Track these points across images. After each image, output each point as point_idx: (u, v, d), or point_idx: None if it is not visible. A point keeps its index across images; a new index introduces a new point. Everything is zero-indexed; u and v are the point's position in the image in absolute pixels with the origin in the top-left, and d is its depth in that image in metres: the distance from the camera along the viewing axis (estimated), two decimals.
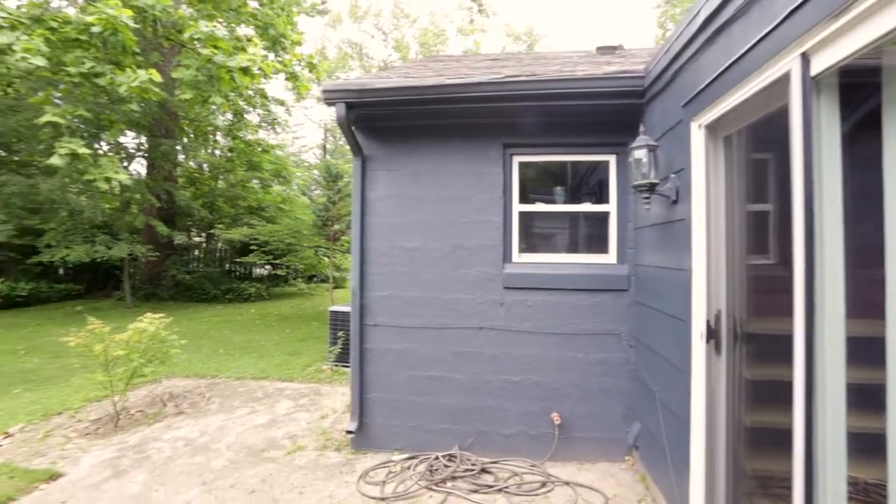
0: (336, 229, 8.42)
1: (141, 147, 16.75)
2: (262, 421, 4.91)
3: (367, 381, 4.23)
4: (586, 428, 3.95)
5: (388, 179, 4.28)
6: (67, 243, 12.70)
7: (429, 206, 4.22)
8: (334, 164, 10.20)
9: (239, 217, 16.55)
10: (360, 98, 3.88)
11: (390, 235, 4.26)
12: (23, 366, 7.56)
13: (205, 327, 10.35)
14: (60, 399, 5.65)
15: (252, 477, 3.75)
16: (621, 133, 3.96)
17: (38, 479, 3.71)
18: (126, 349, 4.77)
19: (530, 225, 4.38)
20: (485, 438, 4.07)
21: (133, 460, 4.04)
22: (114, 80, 5.89)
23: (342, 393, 5.81)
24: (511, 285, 4.12)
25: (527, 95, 3.74)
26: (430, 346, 4.20)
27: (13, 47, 5.21)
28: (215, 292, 15.20)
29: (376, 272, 4.25)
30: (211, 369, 6.87)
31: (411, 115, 4.13)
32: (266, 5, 10.32)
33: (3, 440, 4.50)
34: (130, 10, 5.83)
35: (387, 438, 4.19)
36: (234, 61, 6.52)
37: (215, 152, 18.31)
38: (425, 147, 4.27)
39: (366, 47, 26.69)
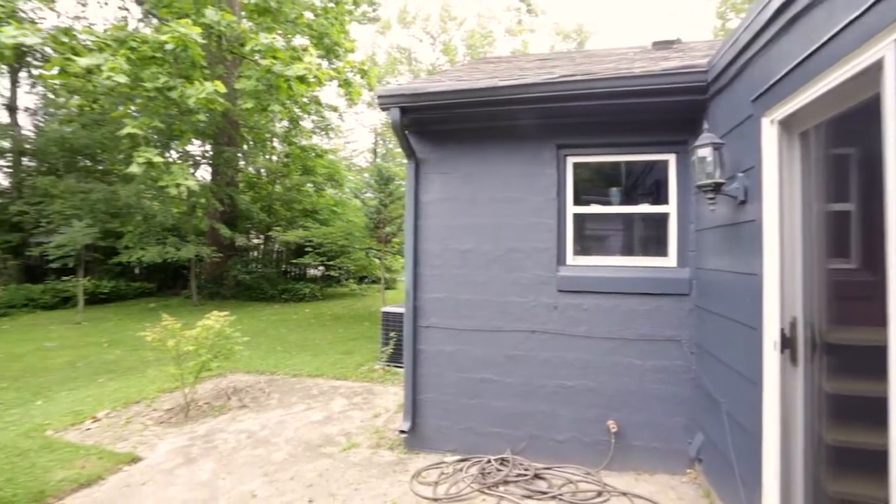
0: (387, 231, 8.59)
1: (206, 154, 17.82)
2: (317, 417, 5.08)
3: (419, 382, 4.28)
4: (644, 437, 3.81)
5: (440, 182, 4.32)
6: (143, 245, 13.72)
7: (481, 209, 4.22)
8: (386, 167, 10.42)
9: (294, 220, 17.25)
10: (413, 102, 3.94)
11: (443, 238, 4.29)
12: (106, 357, 8.23)
13: (263, 325, 10.86)
14: (138, 388, 6.10)
15: (309, 471, 3.89)
16: (681, 131, 3.80)
17: (121, 461, 4.03)
18: (195, 345, 5.09)
19: (585, 227, 4.29)
20: (537, 443, 4.02)
21: (202, 449, 4.30)
22: (184, 93, 6.32)
23: (394, 393, 5.91)
24: (565, 288, 4.04)
25: (581, 95, 3.66)
26: (483, 349, 4.19)
27: (101, 67, 5.71)
28: (272, 292, 15.91)
29: (429, 274, 4.29)
30: (270, 366, 7.19)
31: (464, 117, 4.15)
32: (321, 15, 10.71)
33: (93, 424, 4.93)
34: (199, 28, 6.23)
35: (439, 439, 4.22)
36: (292, 70, 6.81)
37: (272, 158, 19.18)
38: (478, 149, 4.27)
39: (414, 52, 27.09)
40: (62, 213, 13.90)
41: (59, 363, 7.84)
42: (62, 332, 10.79)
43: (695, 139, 3.33)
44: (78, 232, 12.55)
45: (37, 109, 19.49)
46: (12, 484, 3.64)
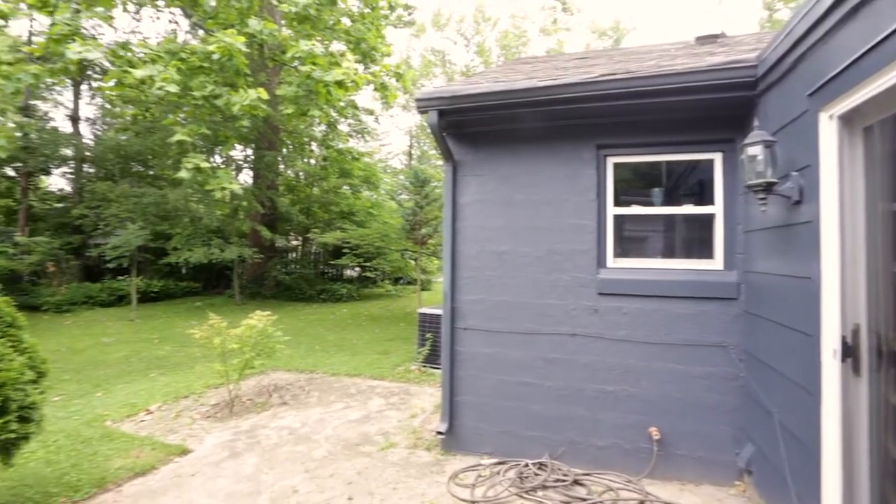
0: (423, 233, 8.65)
1: (247, 159, 18.48)
2: (356, 416, 5.17)
3: (457, 384, 4.29)
4: (688, 446, 3.68)
5: (478, 184, 4.32)
6: (190, 246, 14.36)
7: (519, 211, 4.19)
8: (422, 169, 10.52)
9: (332, 221, 17.64)
10: (451, 105, 3.95)
11: (481, 240, 4.29)
12: (157, 352, 8.65)
13: (302, 325, 11.15)
14: (187, 384, 6.38)
15: (349, 469, 3.96)
16: (728, 129, 3.66)
17: (172, 452, 4.23)
18: (239, 343, 5.28)
19: (625, 228, 4.19)
20: (576, 449, 3.95)
21: (246, 444, 4.45)
22: (229, 101, 6.59)
23: (430, 394, 5.94)
24: (605, 291, 3.96)
25: (622, 94, 3.57)
26: (520, 352, 4.16)
27: (154, 78, 6.03)
28: (311, 292, 16.31)
29: (467, 276, 4.30)
30: (309, 364, 7.37)
31: (501, 119, 4.14)
32: (358, 21, 10.91)
33: (146, 416, 5.19)
34: (243, 37, 6.47)
35: (476, 441, 4.21)
36: (331, 76, 6.98)
37: (310, 161, 19.67)
38: (515, 151, 4.24)
39: (448, 54, 27.17)
40: (118, 217, 14.72)
41: (115, 357, 8.30)
42: (118, 328, 11.42)
43: (743, 137, 3.20)
44: (131, 234, 13.27)
45: (96, 119, 20.73)
46: (77, 469, 3.88)
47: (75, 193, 18.75)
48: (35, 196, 18.51)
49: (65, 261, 16.33)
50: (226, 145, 9.77)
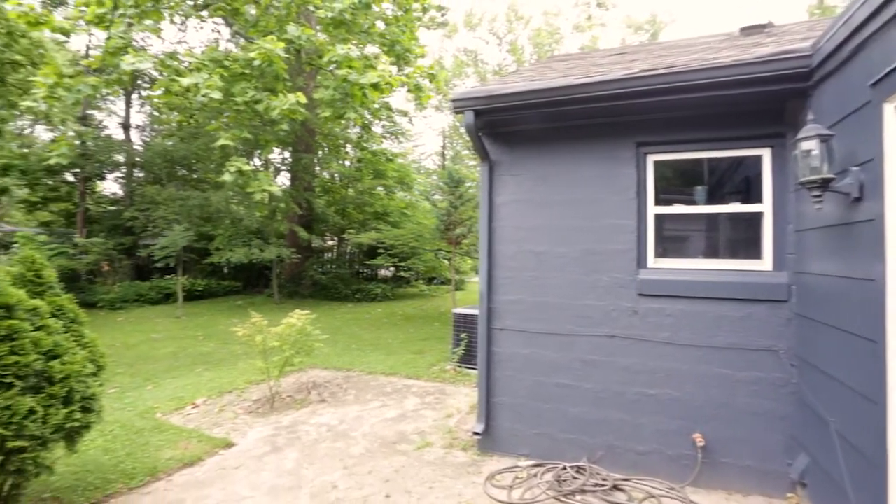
0: (458, 233, 8.66)
1: (285, 161, 18.99)
2: (392, 415, 5.23)
3: (493, 385, 4.27)
4: (735, 454, 3.53)
5: (514, 184, 4.29)
6: (231, 247, 14.89)
7: (557, 210, 4.14)
8: (456, 169, 10.53)
9: (367, 222, 17.91)
10: (487, 104, 3.94)
11: (517, 240, 4.26)
12: (202, 349, 9.01)
13: (339, 324, 11.36)
14: (230, 379, 6.62)
15: (386, 467, 4.01)
16: (778, 123, 3.50)
17: (217, 445, 4.39)
18: (280, 341, 5.44)
19: (666, 228, 4.07)
20: (615, 453, 3.86)
21: (286, 439, 4.57)
22: (269, 105, 6.80)
23: (465, 394, 5.94)
24: (646, 292, 3.85)
25: (665, 90, 3.47)
26: (558, 353, 4.10)
27: (199, 85, 6.30)
28: (346, 292, 16.61)
29: (504, 276, 4.28)
30: (346, 363, 7.51)
31: (538, 118, 4.09)
32: (392, 24, 11.03)
33: (193, 409, 5.42)
34: (283, 43, 6.67)
35: (512, 443, 4.19)
36: (366, 78, 7.09)
37: (345, 163, 20.03)
38: (552, 149, 4.19)
39: (480, 53, 27.05)
40: (165, 218, 15.43)
41: (163, 353, 8.70)
42: (165, 325, 11.96)
43: (794, 131, 3.05)
44: (178, 235, 13.87)
45: (145, 126, 21.81)
46: (132, 458, 4.09)
47: (127, 197, 19.77)
48: (91, 200, 19.63)
49: (118, 260, 17.25)
50: (265, 149, 10.07)
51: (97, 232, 17.79)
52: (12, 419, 2.57)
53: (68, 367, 2.90)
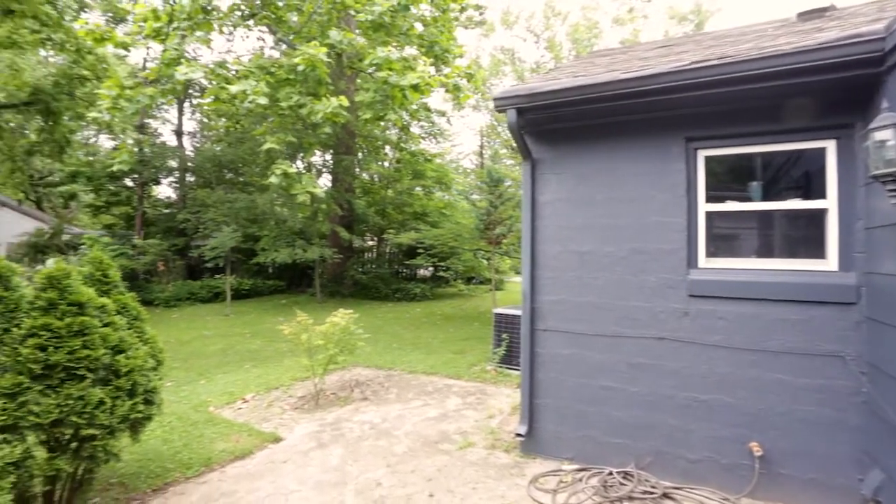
0: (498, 233, 8.61)
1: (326, 163, 19.46)
2: (433, 414, 5.25)
3: (536, 386, 4.22)
4: (797, 465, 3.33)
5: (557, 182, 4.22)
6: (276, 247, 15.40)
7: (601, 209, 4.04)
8: (496, 169, 10.47)
9: (406, 222, 18.11)
10: (529, 102, 3.89)
11: (561, 239, 4.18)
12: (249, 346, 9.37)
13: (380, 323, 11.53)
14: (276, 376, 6.84)
15: (429, 466, 4.03)
16: (845, 113, 3.27)
17: (266, 440, 4.55)
18: (324, 339, 5.57)
19: (719, 226, 3.89)
20: (664, 460, 3.73)
21: (331, 436, 4.68)
22: (312, 109, 6.98)
23: (507, 395, 5.90)
24: (697, 293, 3.70)
25: (718, 81, 3.31)
26: (603, 355, 4.01)
27: (246, 92, 6.55)
28: (386, 291, 16.86)
29: (547, 276, 4.21)
30: (387, 362, 7.61)
31: (582, 115, 4.01)
32: (430, 25, 11.09)
33: (242, 404, 5.64)
34: (325, 48, 6.83)
35: (556, 445, 4.12)
36: (406, 80, 7.15)
37: (384, 164, 20.33)
38: (597, 147, 4.10)
39: (518, 51, 26.77)
40: (214, 220, 16.15)
41: (214, 349, 9.10)
42: (215, 323, 12.51)
43: (864, 121, 2.85)
44: (226, 236, 14.48)
45: (195, 133, 22.90)
46: (188, 449, 4.30)
47: (180, 200, 20.84)
48: (148, 203, 20.82)
49: (172, 261, 18.20)
50: (308, 151, 10.36)
51: (153, 234, 18.86)
52: (85, 409, 2.74)
53: (132, 362, 3.08)
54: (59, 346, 2.71)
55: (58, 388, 2.69)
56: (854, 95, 3.16)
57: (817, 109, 3.34)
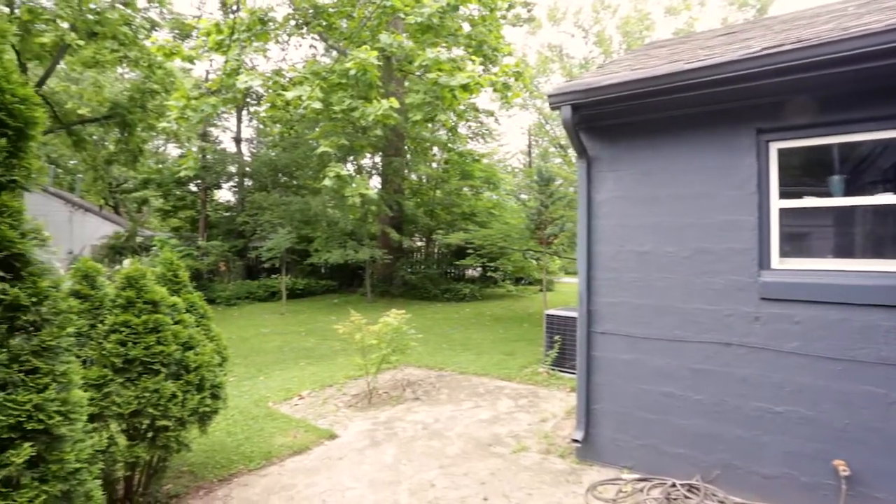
0: (549, 232, 8.45)
1: (376, 165, 19.84)
2: (485, 416, 5.21)
3: (593, 391, 4.08)
4: (894, 489, 3.02)
5: (615, 180, 4.06)
6: (328, 248, 15.86)
7: (662, 207, 3.85)
8: (546, 167, 10.28)
9: (454, 223, 18.15)
10: (585, 98, 3.77)
11: (619, 239, 4.03)
12: (304, 344, 9.69)
13: (429, 323, 11.60)
14: (330, 374, 7.02)
15: (482, 469, 3.99)
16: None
17: (322, 436, 4.67)
18: (377, 339, 5.66)
19: (794, 224, 3.60)
20: (734, 474, 3.49)
21: (384, 435, 4.74)
22: (364, 112, 7.13)
23: (560, 398, 5.76)
24: (770, 296, 3.44)
25: (795, 67, 3.07)
26: (664, 360, 3.82)
27: (301, 98, 6.79)
28: (435, 291, 16.95)
29: (604, 277, 4.07)
30: (438, 362, 7.64)
31: (640, 109, 3.84)
32: (478, 24, 11.07)
33: (299, 400, 5.83)
34: (376, 52, 6.96)
35: (614, 453, 3.97)
36: (456, 80, 7.16)
37: (433, 165, 20.48)
38: (657, 142, 3.91)
39: (566, 48, 26.20)
40: (270, 222, 16.85)
41: (272, 346, 9.48)
42: (272, 321, 13.04)
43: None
44: (282, 237, 15.07)
45: (252, 139, 24.04)
46: (250, 442, 4.49)
47: (238, 203, 21.94)
48: (210, 207, 22.06)
49: (232, 261, 19.18)
50: (359, 154, 10.59)
51: (215, 236, 19.96)
52: (160, 401, 2.92)
53: (200, 358, 3.24)
54: (137, 342, 2.89)
55: (136, 381, 2.87)
56: None
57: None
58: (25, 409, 1.43)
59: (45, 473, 1.54)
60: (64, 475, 1.59)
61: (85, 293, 2.95)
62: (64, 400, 1.56)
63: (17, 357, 1.47)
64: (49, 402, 1.50)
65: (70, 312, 1.70)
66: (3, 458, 1.46)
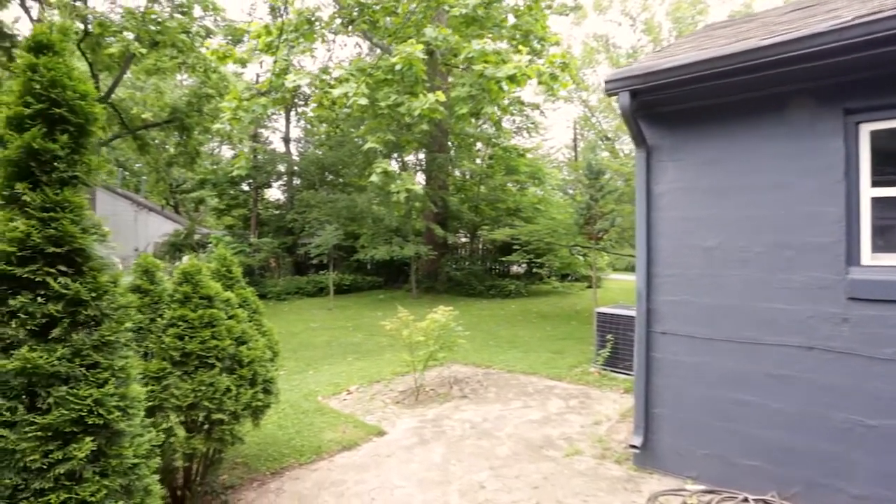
0: (599, 227, 8.12)
1: (420, 162, 19.88)
2: (535, 417, 5.04)
3: (653, 394, 3.83)
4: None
5: (677, 170, 3.79)
6: (374, 244, 16.05)
7: (731, 198, 3.55)
8: (596, 160, 9.89)
9: (499, 218, 17.92)
10: (645, 83, 3.52)
11: (681, 233, 3.75)
12: (352, 339, 9.81)
13: (475, 320, 11.48)
14: (377, 369, 7.05)
15: (533, 472, 3.84)
16: None
17: (370, 432, 4.66)
18: (424, 336, 5.60)
19: (890, 216, 3.22)
20: (817, 492, 3.17)
21: (432, 433, 4.67)
22: (410, 107, 7.08)
23: (613, 399, 5.51)
24: (859, 296, 3.09)
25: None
26: (734, 364, 3.52)
27: (348, 94, 6.83)
28: (480, 288, 16.80)
29: (665, 274, 3.81)
30: (484, 359, 7.51)
31: (706, 93, 3.54)
32: (524, 15, 10.78)
33: (347, 396, 5.88)
34: (421, 45, 6.89)
35: (676, 462, 3.71)
36: (502, 72, 6.98)
37: (477, 160, 20.30)
38: (724, 128, 3.61)
39: (612, 37, 25.26)
40: (318, 220, 17.26)
41: (320, 341, 9.66)
42: (320, 316, 13.33)
43: None
44: (329, 234, 15.39)
45: (300, 139, 24.73)
46: (300, 436, 4.54)
47: (288, 201, 22.64)
48: (261, 205, 22.89)
49: (282, 257, 19.82)
50: (405, 150, 10.58)
51: (266, 233, 20.69)
52: (215, 395, 2.96)
53: (253, 353, 3.27)
54: (193, 336, 2.94)
55: (192, 375, 2.92)
56: None
57: None
58: (86, 404, 1.45)
59: (106, 468, 1.56)
60: (123, 470, 1.60)
61: (145, 288, 3.04)
62: (123, 395, 1.57)
63: (79, 351, 1.49)
64: (108, 396, 1.50)
65: (129, 307, 1.72)
66: (67, 452, 1.48)
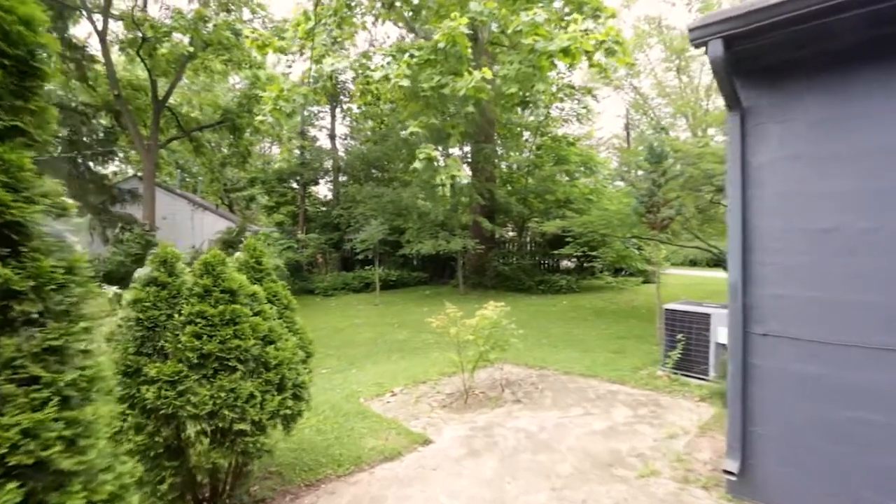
0: (663, 216, 7.31)
1: (465, 155, 19.36)
2: (599, 427, 4.45)
3: (751, 409, 3.16)
4: None
5: (780, 134, 3.08)
6: (420, 239, 15.72)
7: (853, 167, 2.82)
8: (660, 140, 8.99)
9: (548, 210, 17.12)
10: (745, 26, 2.83)
11: (786, 212, 3.05)
12: (397, 336, 9.49)
13: (525, 316, 10.86)
14: (423, 369, 6.64)
15: (603, 496, 3.27)
16: None
17: (415, 441, 4.24)
18: (474, 334, 5.12)
19: None
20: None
21: (483, 443, 4.18)
22: (454, 87, 6.60)
23: (688, 408, 4.81)
24: None
25: None
26: (861, 375, 2.80)
27: (389, 76, 6.44)
28: (529, 283, 16.11)
29: (765, 262, 3.12)
30: (538, 360, 6.93)
31: (819, 35, 2.82)
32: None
33: (391, 398, 5.49)
34: (466, 20, 6.38)
35: (784, 494, 3.03)
36: (554, 45, 6.35)
37: (524, 152, 19.53)
38: (841, 80, 2.87)
39: (665, 19, 23.66)
40: (364, 215, 17.14)
41: (364, 338, 9.40)
42: (366, 312, 13.15)
43: None
44: (374, 229, 15.20)
45: (346, 135, 24.87)
46: (339, 443, 4.19)
47: (334, 198, 22.80)
48: (309, 202, 23.19)
49: (328, 253, 19.94)
50: (451, 138, 10.09)
51: (313, 229, 20.89)
52: (236, 402, 2.61)
53: (281, 354, 2.91)
54: (213, 335, 2.61)
55: (212, 379, 2.59)
56: None
57: None
58: (7, 437, 1.06)
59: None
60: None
61: (163, 281, 2.73)
62: (73, 419, 1.17)
63: (10, 362, 1.11)
64: (46, 423, 1.12)
65: (87, 298, 1.33)
66: None
